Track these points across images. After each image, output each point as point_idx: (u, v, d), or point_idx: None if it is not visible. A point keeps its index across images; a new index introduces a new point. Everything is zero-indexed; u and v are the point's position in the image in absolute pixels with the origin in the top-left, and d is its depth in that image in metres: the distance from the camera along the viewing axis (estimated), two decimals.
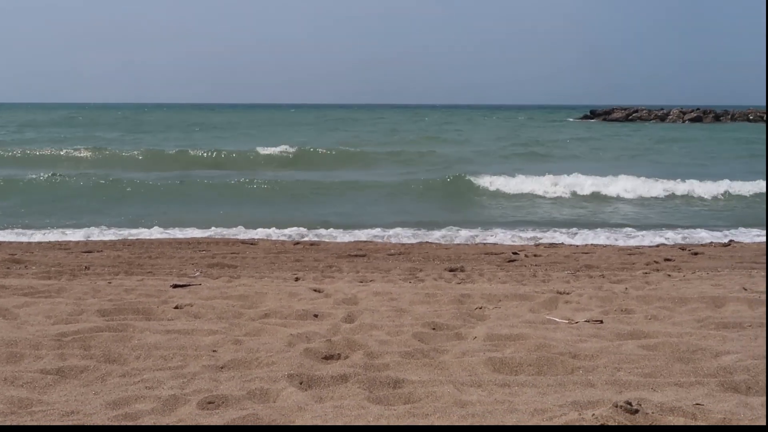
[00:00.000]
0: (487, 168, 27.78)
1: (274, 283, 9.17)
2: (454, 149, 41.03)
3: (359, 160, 34.21)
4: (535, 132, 62.67)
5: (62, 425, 4.19)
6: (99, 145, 38.56)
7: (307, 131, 61.02)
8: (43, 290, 8.27)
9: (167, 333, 6.19)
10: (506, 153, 39.31)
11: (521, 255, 12.60)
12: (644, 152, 41.53)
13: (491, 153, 39.20)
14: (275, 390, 4.75)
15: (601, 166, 28.34)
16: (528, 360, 5.39)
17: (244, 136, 54.07)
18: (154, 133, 56.83)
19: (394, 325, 6.52)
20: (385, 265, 11.30)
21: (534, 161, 34.00)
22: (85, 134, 52.74)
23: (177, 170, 29.23)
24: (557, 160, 35.00)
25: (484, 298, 7.84)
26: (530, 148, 42.29)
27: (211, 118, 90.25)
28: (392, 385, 4.88)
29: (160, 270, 10.53)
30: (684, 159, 37.15)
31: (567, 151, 41.94)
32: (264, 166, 32.51)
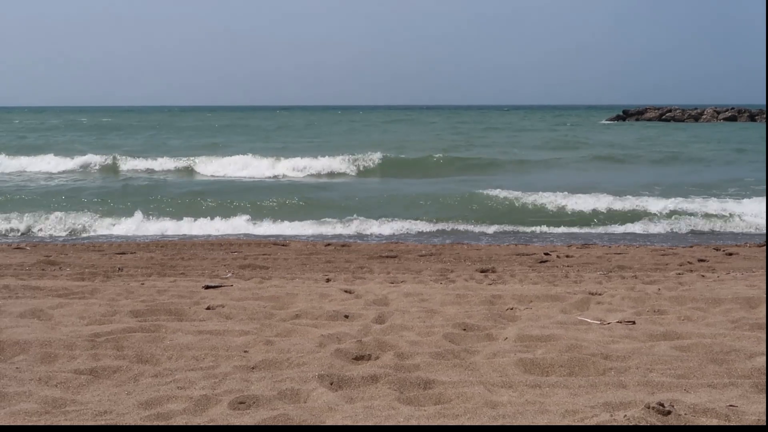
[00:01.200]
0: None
1: (305, 284, 9.20)
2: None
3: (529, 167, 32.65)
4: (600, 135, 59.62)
5: (62, 425, 4.22)
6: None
7: (401, 133, 59.78)
8: (77, 291, 8.35)
9: (199, 333, 6.23)
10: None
11: (553, 256, 12.54)
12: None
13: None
14: (306, 390, 4.76)
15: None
16: (559, 361, 5.36)
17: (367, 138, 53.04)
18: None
19: (424, 326, 6.51)
20: (416, 266, 11.29)
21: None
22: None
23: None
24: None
25: (516, 299, 7.81)
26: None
27: (292, 120, 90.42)
28: (423, 385, 4.88)
29: (193, 271, 10.59)
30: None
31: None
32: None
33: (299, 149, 37.87)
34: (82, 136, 55.67)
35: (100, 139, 51.33)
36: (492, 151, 39.56)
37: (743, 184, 24.43)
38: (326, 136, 56.54)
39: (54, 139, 50.62)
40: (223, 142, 46.55)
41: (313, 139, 51.17)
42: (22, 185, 25.42)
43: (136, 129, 67.95)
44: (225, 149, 37.21)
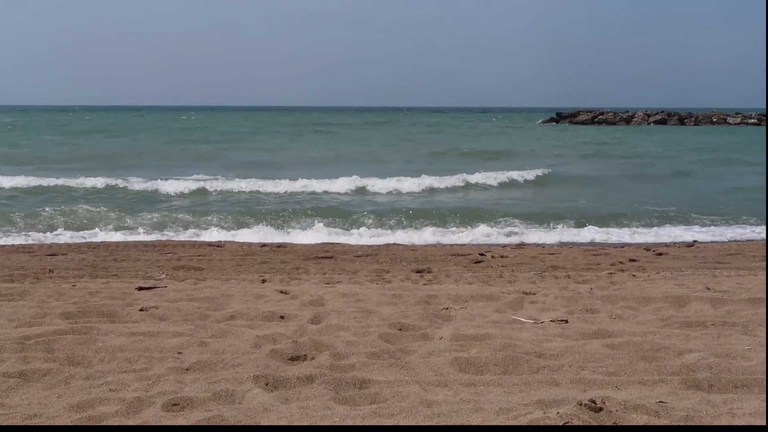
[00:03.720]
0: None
1: (240, 285, 9.14)
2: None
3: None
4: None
5: (62, 425, 4.15)
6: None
7: (416, 136, 59.59)
8: (6, 293, 8.18)
9: (132, 335, 6.15)
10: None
11: (488, 256, 12.64)
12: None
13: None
14: (241, 391, 4.73)
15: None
16: (494, 360, 5.41)
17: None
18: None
19: (360, 326, 6.52)
20: (352, 267, 11.29)
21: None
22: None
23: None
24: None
25: (451, 299, 7.86)
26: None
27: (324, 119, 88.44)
28: (358, 385, 4.88)
29: (126, 273, 10.44)
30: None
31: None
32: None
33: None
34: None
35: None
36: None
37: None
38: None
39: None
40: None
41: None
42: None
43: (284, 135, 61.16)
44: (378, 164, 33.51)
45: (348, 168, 28.22)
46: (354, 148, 44.99)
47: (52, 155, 36.81)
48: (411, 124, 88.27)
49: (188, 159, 35.27)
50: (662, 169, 31.97)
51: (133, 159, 35.18)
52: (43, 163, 32.08)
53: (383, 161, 35.33)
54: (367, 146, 47.36)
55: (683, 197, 22.41)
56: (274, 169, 30.58)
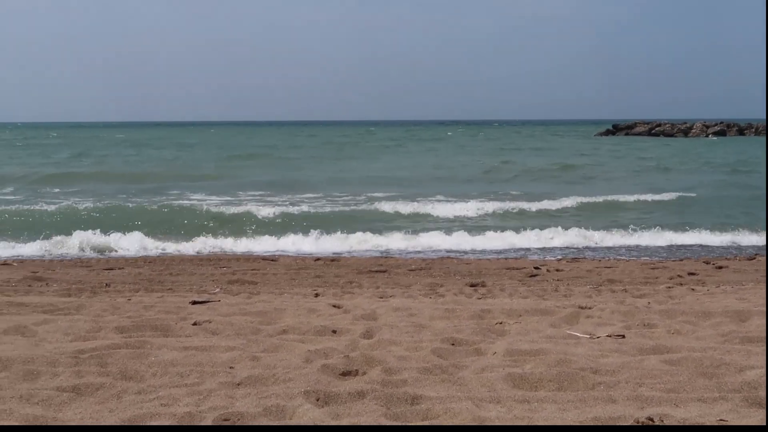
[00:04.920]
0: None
1: (293, 299, 9.13)
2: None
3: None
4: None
5: (63, 425, 4.15)
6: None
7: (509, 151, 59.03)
8: (62, 307, 8.27)
9: (184, 350, 6.16)
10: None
11: (543, 270, 12.51)
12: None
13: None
14: (291, 407, 4.69)
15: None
16: (548, 375, 5.31)
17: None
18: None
19: (413, 341, 6.45)
20: (406, 281, 11.24)
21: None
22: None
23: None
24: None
25: (505, 313, 7.76)
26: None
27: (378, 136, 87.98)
28: (410, 401, 4.82)
29: (181, 287, 10.52)
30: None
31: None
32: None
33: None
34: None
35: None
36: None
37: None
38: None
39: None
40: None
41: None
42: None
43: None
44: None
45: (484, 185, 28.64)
46: (462, 160, 44.50)
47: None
48: (489, 137, 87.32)
49: (339, 182, 32.27)
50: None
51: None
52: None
53: (504, 180, 34.40)
54: (478, 158, 47.01)
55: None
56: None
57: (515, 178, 35.15)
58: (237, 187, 29.67)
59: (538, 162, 45.00)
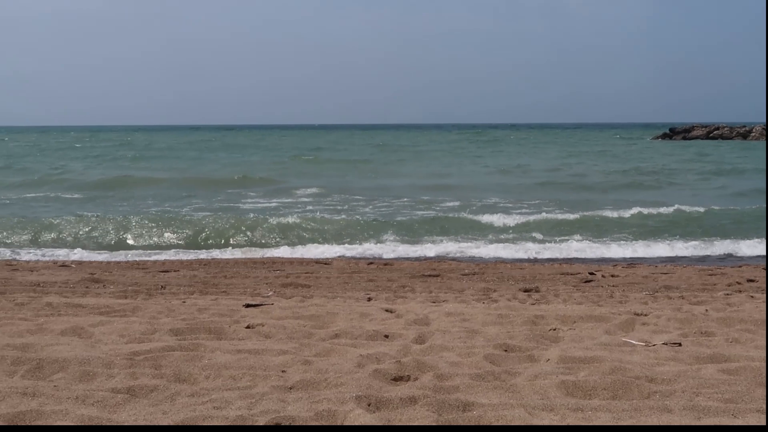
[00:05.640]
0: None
1: (346, 303, 9.14)
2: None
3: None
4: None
5: (64, 425, 4.16)
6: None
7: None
8: (118, 309, 8.38)
9: (238, 353, 6.19)
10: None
11: (598, 275, 12.37)
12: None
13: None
14: (343, 411, 4.69)
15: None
16: (603, 384, 5.24)
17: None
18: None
19: (465, 347, 6.42)
20: (459, 285, 11.19)
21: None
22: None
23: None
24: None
25: (559, 320, 7.68)
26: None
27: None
28: (462, 408, 4.78)
29: (235, 289, 10.60)
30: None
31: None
32: None
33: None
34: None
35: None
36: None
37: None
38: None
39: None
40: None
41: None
42: None
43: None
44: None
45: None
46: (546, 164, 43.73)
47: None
48: (544, 141, 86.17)
49: (432, 189, 31.50)
50: None
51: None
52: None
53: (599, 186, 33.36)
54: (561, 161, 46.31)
55: None
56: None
57: (601, 183, 33.95)
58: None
59: (613, 166, 44.09)
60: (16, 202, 26.82)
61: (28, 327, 7.23)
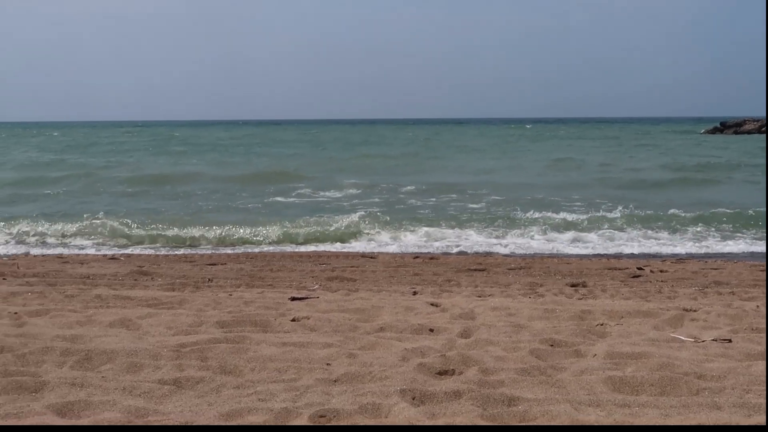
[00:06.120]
0: None
1: (391, 296, 9.13)
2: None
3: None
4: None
5: (65, 425, 4.17)
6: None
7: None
8: (166, 302, 8.47)
9: (283, 345, 6.22)
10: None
11: (646, 270, 12.21)
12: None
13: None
14: (387, 405, 4.68)
15: None
16: (650, 379, 5.17)
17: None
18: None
19: (510, 341, 6.38)
20: (505, 280, 11.13)
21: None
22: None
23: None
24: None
25: (606, 315, 7.60)
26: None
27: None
28: (507, 402, 4.75)
29: (281, 283, 10.64)
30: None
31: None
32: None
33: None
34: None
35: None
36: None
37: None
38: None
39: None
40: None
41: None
42: None
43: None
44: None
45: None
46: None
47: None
48: (592, 136, 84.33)
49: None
50: None
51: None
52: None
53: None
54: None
55: None
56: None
57: (654, 178, 32.54)
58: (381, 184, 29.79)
59: (666, 160, 43.03)
60: (68, 195, 27.19)
61: (77, 318, 7.33)
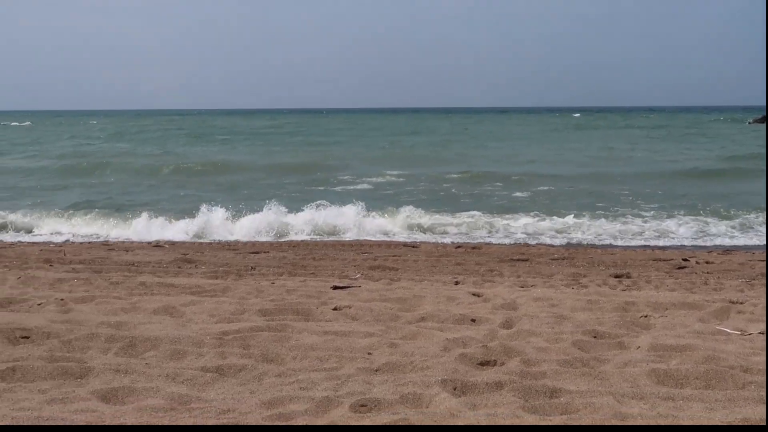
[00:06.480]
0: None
1: (433, 286, 9.11)
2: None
3: None
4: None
5: (68, 425, 4.19)
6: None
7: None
8: (209, 289, 8.53)
9: (324, 334, 6.23)
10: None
11: (692, 262, 12.06)
12: None
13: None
14: (428, 395, 4.68)
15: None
16: (695, 373, 5.10)
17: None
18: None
19: (553, 332, 6.33)
20: (548, 270, 11.05)
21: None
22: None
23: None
24: None
25: (650, 306, 7.51)
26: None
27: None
28: (549, 394, 4.72)
29: (323, 271, 10.67)
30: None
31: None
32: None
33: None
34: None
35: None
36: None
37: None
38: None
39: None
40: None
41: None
42: None
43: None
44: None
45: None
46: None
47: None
48: (654, 125, 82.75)
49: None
50: None
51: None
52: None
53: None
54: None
55: None
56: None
57: (719, 173, 31.47)
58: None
59: (718, 151, 41.89)
60: (115, 183, 27.48)
61: (122, 305, 7.42)
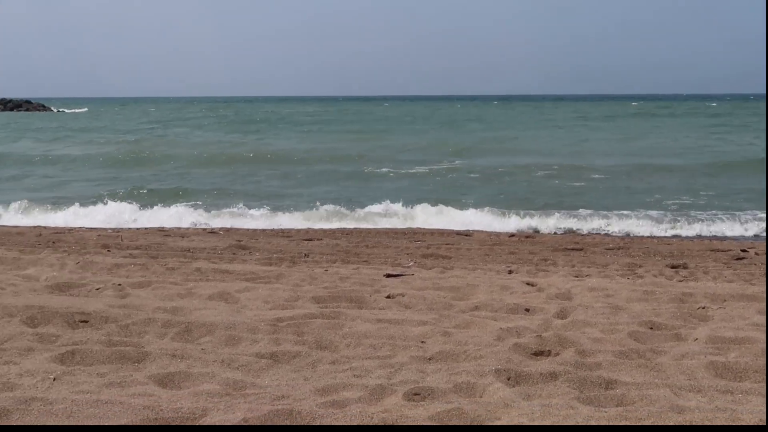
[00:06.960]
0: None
1: (486, 275, 9.08)
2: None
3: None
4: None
5: (67, 425, 4.18)
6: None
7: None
8: (263, 276, 8.58)
9: (378, 322, 6.24)
10: None
11: (751, 252, 11.85)
12: None
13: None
14: (482, 385, 4.66)
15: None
16: (755, 366, 5.01)
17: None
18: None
19: (608, 323, 6.27)
20: (603, 260, 10.95)
21: None
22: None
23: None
24: None
25: (708, 298, 7.40)
26: None
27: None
28: (604, 385, 4.67)
29: (376, 259, 10.68)
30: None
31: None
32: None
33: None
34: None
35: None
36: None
37: None
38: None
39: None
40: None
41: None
42: None
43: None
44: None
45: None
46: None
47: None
48: (715, 113, 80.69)
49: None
50: None
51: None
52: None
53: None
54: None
55: None
56: None
57: (738, 159, 30.98)
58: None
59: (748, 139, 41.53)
60: (175, 172, 27.78)
61: (178, 291, 7.50)
